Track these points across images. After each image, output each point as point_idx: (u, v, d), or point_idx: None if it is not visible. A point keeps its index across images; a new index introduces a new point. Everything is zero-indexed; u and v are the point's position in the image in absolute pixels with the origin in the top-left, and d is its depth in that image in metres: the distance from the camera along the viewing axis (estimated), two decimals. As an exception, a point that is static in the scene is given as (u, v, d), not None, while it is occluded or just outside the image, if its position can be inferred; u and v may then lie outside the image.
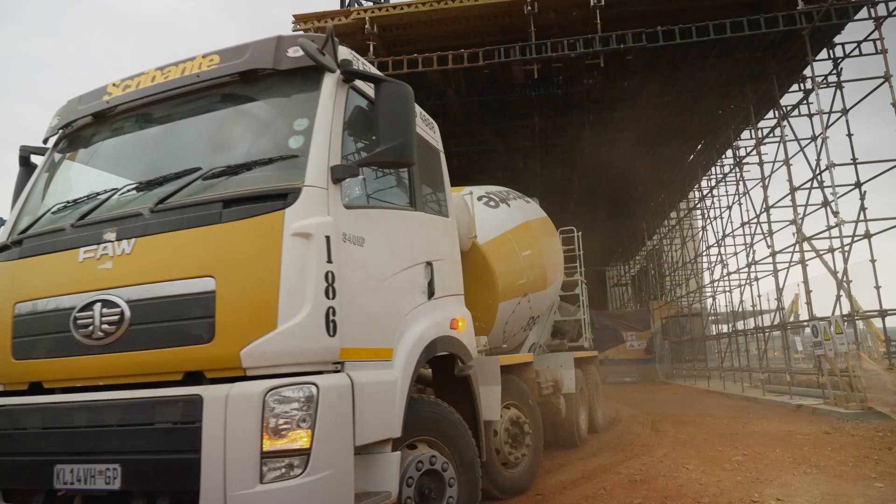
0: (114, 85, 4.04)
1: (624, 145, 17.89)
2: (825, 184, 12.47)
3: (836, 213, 11.99)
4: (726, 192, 19.72)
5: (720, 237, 19.61)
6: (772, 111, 15.48)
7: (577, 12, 12.83)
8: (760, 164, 15.57)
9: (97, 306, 3.21)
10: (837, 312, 11.79)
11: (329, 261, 3.13)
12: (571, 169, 20.35)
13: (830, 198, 12.16)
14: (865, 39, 12.45)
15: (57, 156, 4.30)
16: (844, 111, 12.62)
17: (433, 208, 4.70)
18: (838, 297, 12.01)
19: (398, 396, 3.49)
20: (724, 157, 19.51)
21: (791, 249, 14.13)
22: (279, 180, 3.27)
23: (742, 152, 18.09)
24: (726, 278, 19.73)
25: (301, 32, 3.45)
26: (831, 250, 12.26)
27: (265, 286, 3.00)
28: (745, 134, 17.46)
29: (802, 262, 13.10)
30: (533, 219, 8.32)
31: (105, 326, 3.17)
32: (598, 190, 22.56)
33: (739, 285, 18.39)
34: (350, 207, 3.45)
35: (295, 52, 3.52)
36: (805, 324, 14.07)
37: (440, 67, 12.64)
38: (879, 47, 11.94)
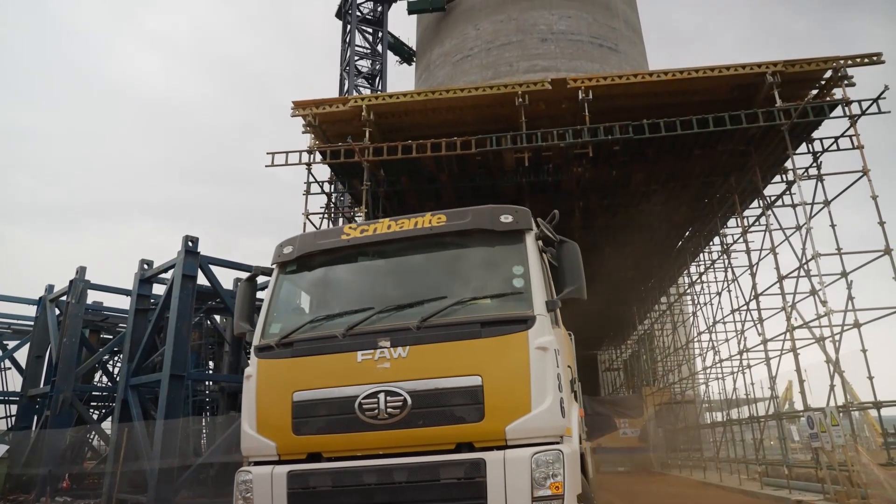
0: (351, 228, 5.44)
1: (613, 231, 18.18)
2: (812, 273, 12.63)
3: (824, 303, 12.06)
4: (715, 278, 19.88)
5: (711, 323, 19.59)
6: (757, 200, 15.89)
7: (566, 105, 13.38)
8: (748, 251, 15.79)
9: (381, 395, 4.39)
10: (832, 403, 11.63)
11: (557, 365, 4.53)
12: (562, 253, 20.52)
13: (818, 286, 12.28)
14: (842, 135, 12.97)
15: (293, 276, 5.54)
16: (826, 203, 12.96)
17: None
18: (832, 388, 11.88)
19: (579, 461, 4.69)
20: (711, 244, 19.81)
21: (782, 337, 14.11)
22: (511, 309, 4.67)
23: (729, 239, 18.41)
24: (718, 365, 19.55)
25: (503, 205, 5.25)
26: (822, 339, 12.24)
27: (520, 383, 4.32)
28: (732, 222, 17.82)
29: (794, 350, 13.04)
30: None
31: (390, 410, 4.34)
32: (588, 273, 22.59)
33: (732, 372, 18.19)
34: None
35: (506, 218, 5.07)
36: (800, 413, 13.83)
37: (434, 154, 12.99)
38: (856, 143, 12.42)
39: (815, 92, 13.67)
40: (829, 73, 13.01)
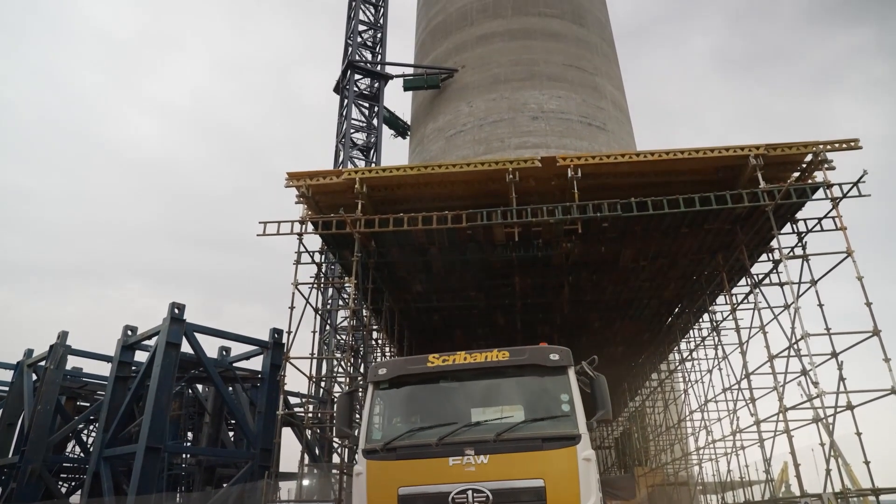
0: (434, 357, 6.99)
1: (603, 306, 18.17)
2: (802, 352, 12.57)
3: (815, 384, 11.94)
4: (706, 355, 19.74)
5: (703, 402, 19.29)
6: (745, 278, 16.00)
7: (556, 182, 13.64)
8: (737, 329, 15.75)
9: (469, 492, 5.89)
10: (829, 489, 11.31)
11: (597, 472, 6.10)
12: (551, 327, 20.45)
13: (808, 367, 12.19)
14: (825, 216, 13.22)
15: (386, 393, 7.00)
16: (813, 282, 13.06)
17: None
18: (828, 472, 11.58)
19: None
20: (701, 320, 19.79)
21: (775, 418, 13.86)
22: (562, 428, 6.36)
23: (719, 317, 18.40)
24: (711, 446, 19.11)
25: (546, 346, 7.17)
26: (816, 420, 12.04)
27: (572, 484, 5.94)
28: (721, 299, 17.87)
29: (787, 431, 12.79)
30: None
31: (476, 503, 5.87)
32: (578, 349, 22.35)
33: (726, 453, 17.76)
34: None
35: (554, 356, 6.89)
36: (797, 499, 13.41)
37: (425, 227, 13.10)
38: (839, 224, 12.66)
39: (797, 174, 14.05)
40: (809, 157, 13.42)
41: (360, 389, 7.35)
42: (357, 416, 9.53)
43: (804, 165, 13.79)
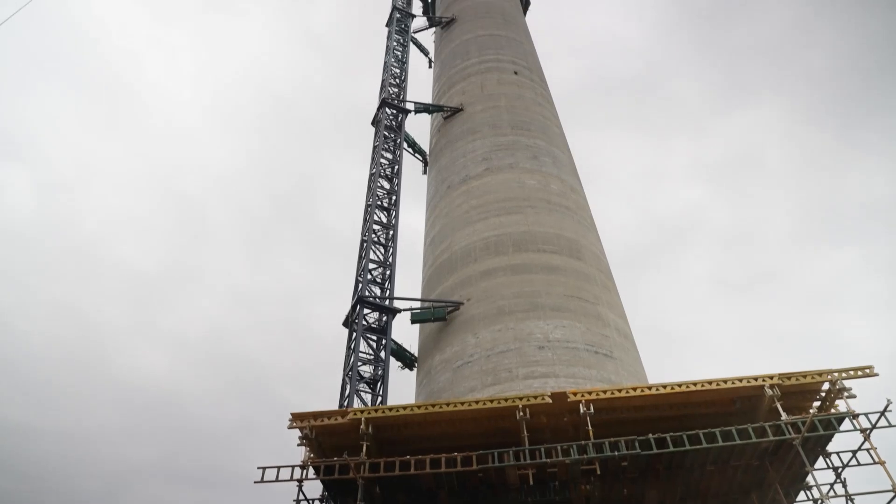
0: None
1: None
2: None
3: None
4: None
5: None
6: (785, 521, 14.55)
7: (568, 418, 13.18)
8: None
9: None
10: None
11: None
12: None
13: None
14: (860, 449, 12.46)
15: None
16: (862, 526, 11.83)
17: None
18: None
19: None
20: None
21: None
22: None
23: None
24: None
25: None
26: None
27: None
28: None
29: None
30: None
31: None
32: None
33: None
34: None
35: None
36: None
37: (433, 471, 12.34)
38: (876, 458, 11.87)
39: (818, 403, 13.59)
40: (826, 386, 13.09)
41: None
42: None
43: (823, 394, 13.41)
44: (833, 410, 13.00)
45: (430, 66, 48.78)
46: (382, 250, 35.78)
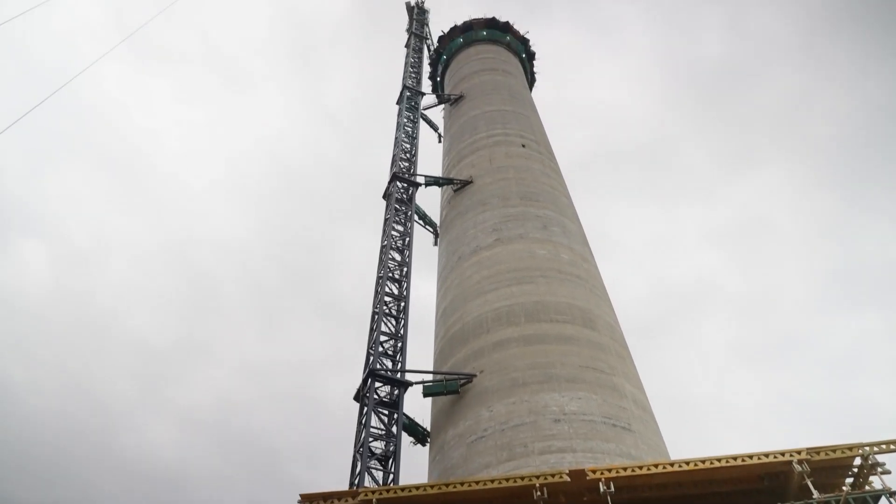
0: None
1: None
2: None
3: None
4: None
5: None
6: None
7: (588, 497, 12.63)
8: None
9: None
10: None
11: None
12: None
13: None
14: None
15: None
16: None
17: None
18: None
19: None
20: None
21: None
22: None
23: None
24: None
25: None
26: None
27: None
28: None
29: None
30: None
31: None
32: None
33: None
34: None
35: None
36: None
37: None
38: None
39: (850, 479, 12.97)
40: (858, 461, 12.53)
41: None
42: None
43: (855, 469, 12.82)
44: (867, 487, 12.39)
45: (439, 141, 50.13)
46: (394, 322, 35.56)
